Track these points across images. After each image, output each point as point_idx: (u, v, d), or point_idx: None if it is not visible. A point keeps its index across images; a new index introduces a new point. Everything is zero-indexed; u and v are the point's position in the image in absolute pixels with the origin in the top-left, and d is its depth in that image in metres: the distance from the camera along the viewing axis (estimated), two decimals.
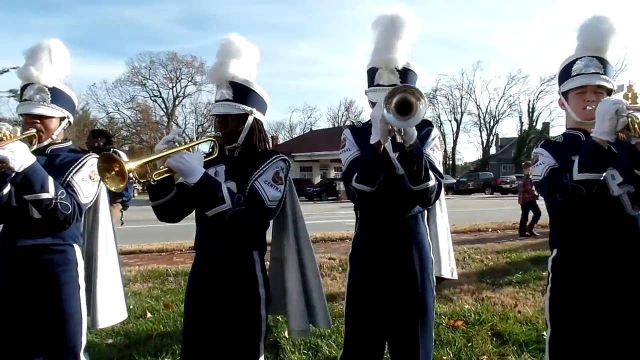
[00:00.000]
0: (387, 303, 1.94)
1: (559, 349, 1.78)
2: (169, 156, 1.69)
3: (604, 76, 1.76)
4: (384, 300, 1.93)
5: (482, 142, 49.91)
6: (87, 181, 1.97)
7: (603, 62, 1.78)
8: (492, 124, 49.32)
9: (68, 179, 1.92)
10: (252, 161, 1.89)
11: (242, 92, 1.91)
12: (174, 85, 46.51)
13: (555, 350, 1.79)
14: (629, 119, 1.51)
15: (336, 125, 48.27)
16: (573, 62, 1.82)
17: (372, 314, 1.94)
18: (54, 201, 1.80)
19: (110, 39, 71.08)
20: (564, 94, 1.86)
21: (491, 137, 50.02)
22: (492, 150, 50.18)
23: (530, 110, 45.68)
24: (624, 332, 1.69)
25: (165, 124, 44.52)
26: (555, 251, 1.85)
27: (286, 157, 1.95)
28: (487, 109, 48.90)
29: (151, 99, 46.86)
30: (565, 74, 1.85)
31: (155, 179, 1.68)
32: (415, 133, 1.71)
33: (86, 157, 2.02)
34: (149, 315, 3.94)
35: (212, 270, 1.86)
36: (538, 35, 70.89)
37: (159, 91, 46.66)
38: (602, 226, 1.69)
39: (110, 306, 2.14)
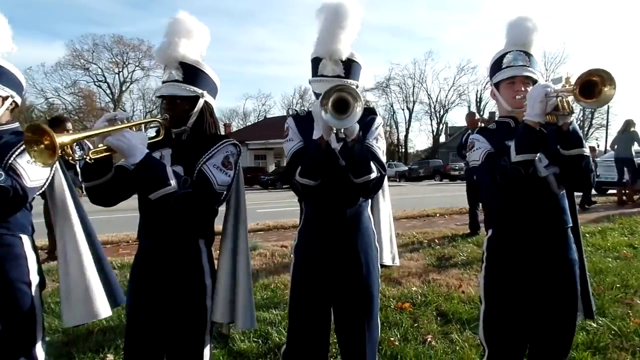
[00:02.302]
0: (332, 293, 1.96)
1: (492, 322, 1.89)
2: (109, 134, 1.57)
3: (530, 68, 1.90)
4: (329, 290, 1.95)
5: (433, 131, 51.52)
6: (34, 163, 1.81)
7: (529, 55, 1.92)
8: (442, 113, 51.01)
9: (10, 162, 1.74)
10: (201, 145, 1.81)
11: (192, 74, 1.82)
12: (120, 70, 44.28)
13: (488, 324, 1.90)
14: (558, 99, 1.62)
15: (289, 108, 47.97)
16: (503, 56, 1.94)
17: (317, 305, 1.95)
18: None
19: (45, 19, 66.52)
20: (496, 85, 1.97)
21: (441, 126, 51.73)
22: (442, 139, 51.86)
23: (478, 100, 47.57)
24: (552, 306, 1.81)
25: (112, 111, 42.39)
26: (490, 231, 1.97)
27: (237, 142, 1.88)
28: (437, 98, 50.45)
29: (95, 84, 44.37)
30: (496, 66, 1.96)
31: (93, 157, 1.55)
32: (357, 127, 1.72)
33: None
34: None
35: (156, 259, 1.78)
36: (485, 27, 73.61)
37: (104, 76, 44.26)
38: (531, 205, 1.81)
39: (77, 304, 1.95)
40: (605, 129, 42.76)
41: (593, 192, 13.02)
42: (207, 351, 1.85)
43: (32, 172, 1.78)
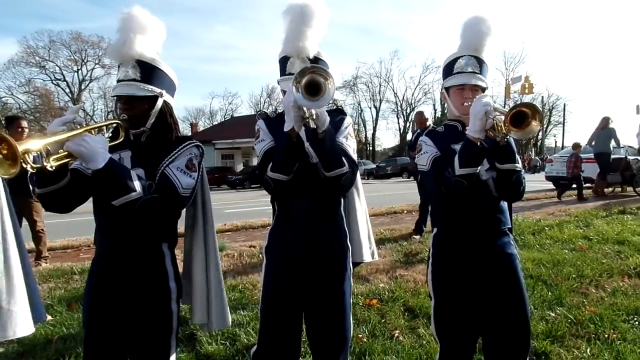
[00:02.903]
0: (303, 294, 1.95)
1: (441, 317, 1.95)
2: (68, 139, 1.48)
3: (480, 75, 1.95)
4: (300, 291, 1.94)
5: (400, 129, 52.33)
6: None
7: (480, 62, 1.96)
8: (408, 111, 51.83)
9: None
10: (161, 147, 1.75)
11: (150, 72, 1.75)
12: (79, 68, 42.71)
13: (438, 318, 1.96)
14: (494, 121, 1.68)
15: (258, 111, 47.56)
16: (455, 60, 1.98)
17: (288, 306, 1.94)
18: None
19: None
20: (446, 89, 2.02)
21: (408, 124, 52.53)
22: (409, 136, 52.71)
23: (443, 98, 48.61)
24: (494, 299, 1.87)
25: (70, 107, 40.72)
26: (435, 229, 2.03)
27: (200, 144, 1.84)
28: (404, 96, 51.33)
29: (53, 83, 42.56)
30: (448, 70, 2.01)
31: (54, 164, 1.46)
32: (328, 118, 1.72)
33: None
34: (49, 318, 3.60)
35: (117, 264, 1.72)
36: (448, 26, 75.33)
37: (62, 74, 42.60)
38: (473, 206, 1.89)
39: (12, 315, 1.88)
40: (562, 125, 44.75)
41: (551, 186, 13.60)
42: (173, 357, 1.82)
43: None
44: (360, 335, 3.17)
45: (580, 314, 3.40)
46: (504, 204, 1.96)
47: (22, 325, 1.90)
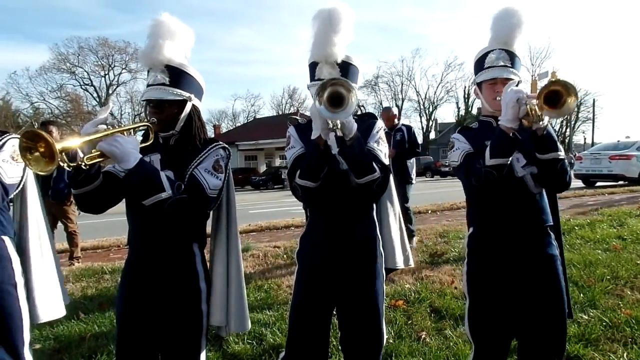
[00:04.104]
0: (334, 301, 1.95)
1: (476, 318, 1.92)
2: (101, 139, 1.54)
3: (512, 69, 1.91)
4: (331, 298, 1.94)
5: (422, 127, 51.67)
6: (9, 162, 1.79)
7: (511, 55, 1.92)
8: (431, 109, 51.26)
9: None
10: (190, 150, 1.79)
11: (179, 77, 1.79)
12: (106, 73, 43.84)
13: (473, 319, 1.93)
14: (528, 107, 1.63)
15: (280, 113, 47.91)
16: (485, 55, 1.94)
17: (319, 313, 1.93)
18: None
19: (29, 23, 65.56)
20: (478, 84, 1.98)
21: (430, 123, 51.99)
22: (432, 135, 52.16)
23: (466, 96, 47.89)
24: (536, 302, 1.82)
25: (101, 109, 41.88)
26: (471, 229, 1.99)
27: (226, 146, 1.87)
28: (426, 95, 50.79)
29: (82, 88, 43.86)
30: (479, 65, 1.97)
31: (88, 163, 1.52)
32: (355, 126, 1.72)
33: (5, 137, 1.83)
34: (82, 316, 3.72)
35: (150, 264, 1.76)
36: (471, 23, 74.15)
37: (90, 79, 43.78)
38: (510, 204, 1.84)
39: (48, 300, 1.99)
40: (592, 122, 43.36)
41: (581, 184, 13.21)
42: (203, 355, 1.85)
43: (9, 170, 1.77)
44: (386, 337, 3.14)
45: (616, 317, 3.29)
46: (544, 201, 1.90)
47: (55, 309, 2.04)
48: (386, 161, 1.93)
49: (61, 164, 1.41)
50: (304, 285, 1.96)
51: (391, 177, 2.03)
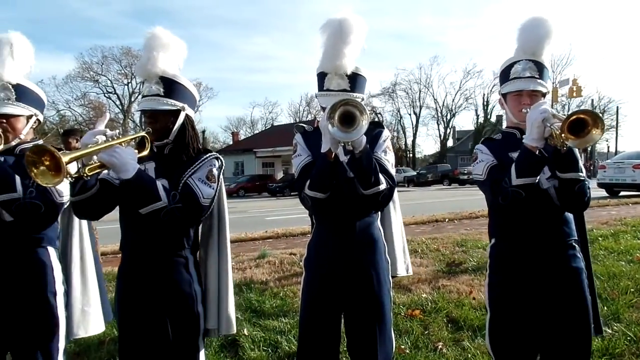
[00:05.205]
0: (342, 307, 1.95)
1: (498, 329, 1.88)
2: (101, 150, 1.60)
3: (539, 80, 1.85)
4: (339, 304, 1.94)
5: (440, 135, 51.28)
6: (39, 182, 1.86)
7: (539, 66, 1.86)
8: (449, 117, 50.78)
9: None
10: (184, 159, 1.85)
11: (172, 88, 1.86)
12: (129, 81, 44.81)
13: (494, 331, 1.89)
14: (552, 129, 1.60)
15: (297, 120, 48.12)
16: (511, 65, 1.89)
17: (327, 320, 1.94)
18: (23, 202, 1.71)
19: (55, 33, 67.82)
20: (503, 95, 1.93)
21: (448, 130, 51.50)
22: (450, 143, 51.65)
23: (485, 103, 47.35)
24: (557, 315, 1.78)
25: (121, 121, 42.87)
26: (493, 240, 1.95)
27: (219, 156, 1.93)
28: (444, 102, 50.28)
29: (105, 96, 45.04)
30: (504, 76, 1.92)
31: (89, 174, 1.60)
32: (364, 140, 1.73)
33: None
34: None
35: (144, 270, 1.81)
36: (489, 30, 73.51)
37: (114, 87, 44.93)
38: (534, 216, 1.80)
39: (87, 315, 2.09)
40: (615, 130, 42.34)
41: (603, 194, 12.88)
42: (202, 355, 1.89)
43: (61, 187, 1.82)
44: (402, 347, 3.11)
45: None
46: (569, 214, 1.85)
47: (95, 324, 2.14)
48: (393, 171, 1.94)
49: (67, 176, 1.46)
50: (312, 292, 1.97)
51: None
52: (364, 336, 1.93)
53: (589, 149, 40.50)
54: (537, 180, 1.69)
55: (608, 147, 45.80)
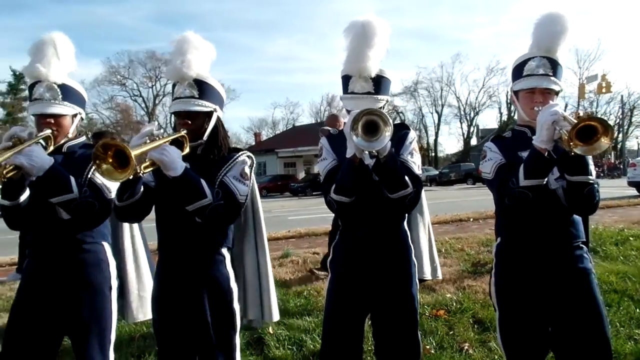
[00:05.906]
0: (367, 310, 1.96)
1: (508, 330, 1.86)
2: (152, 149, 1.66)
3: (553, 78, 1.81)
4: (364, 306, 1.95)
5: (463, 134, 50.55)
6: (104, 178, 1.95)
7: (553, 63, 1.82)
8: (472, 115, 49.96)
9: (90, 176, 1.90)
10: (216, 158, 1.90)
11: (205, 90, 1.91)
12: (153, 84, 45.84)
13: (504, 331, 1.87)
14: (561, 132, 1.57)
15: (319, 120, 48.19)
16: (525, 62, 1.85)
17: (351, 322, 1.95)
18: (79, 201, 1.78)
19: (83, 39, 69.26)
20: (515, 92, 1.90)
21: (472, 129, 50.66)
22: (473, 141, 50.72)
23: (509, 101, 46.26)
24: (567, 316, 1.75)
25: (147, 124, 43.79)
26: (499, 239, 1.94)
27: (250, 154, 1.98)
28: (467, 100, 49.52)
29: (131, 99, 46.15)
30: (517, 72, 1.88)
31: (145, 172, 1.67)
32: (389, 145, 1.73)
33: None
34: None
35: (184, 269, 1.85)
36: (513, 27, 71.93)
37: (139, 90, 46.02)
38: (541, 217, 1.78)
39: (142, 301, 2.24)
40: None
41: (634, 192, 12.46)
42: (238, 353, 1.93)
43: (110, 184, 1.89)
44: (427, 347, 3.10)
45: None
46: (577, 216, 1.82)
47: (148, 310, 2.23)
48: (419, 172, 1.92)
49: (137, 171, 1.56)
50: (337, 294, 1.98)
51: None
52: (392, 339, 1.93)
53: (618, 146, 39.19)
54: (544, 182, 1.67)
55: (638, 144, 44.25)
